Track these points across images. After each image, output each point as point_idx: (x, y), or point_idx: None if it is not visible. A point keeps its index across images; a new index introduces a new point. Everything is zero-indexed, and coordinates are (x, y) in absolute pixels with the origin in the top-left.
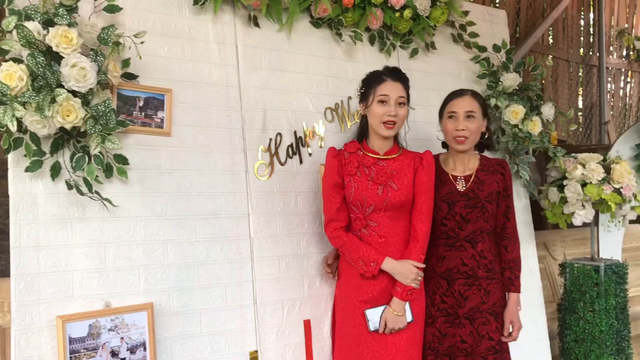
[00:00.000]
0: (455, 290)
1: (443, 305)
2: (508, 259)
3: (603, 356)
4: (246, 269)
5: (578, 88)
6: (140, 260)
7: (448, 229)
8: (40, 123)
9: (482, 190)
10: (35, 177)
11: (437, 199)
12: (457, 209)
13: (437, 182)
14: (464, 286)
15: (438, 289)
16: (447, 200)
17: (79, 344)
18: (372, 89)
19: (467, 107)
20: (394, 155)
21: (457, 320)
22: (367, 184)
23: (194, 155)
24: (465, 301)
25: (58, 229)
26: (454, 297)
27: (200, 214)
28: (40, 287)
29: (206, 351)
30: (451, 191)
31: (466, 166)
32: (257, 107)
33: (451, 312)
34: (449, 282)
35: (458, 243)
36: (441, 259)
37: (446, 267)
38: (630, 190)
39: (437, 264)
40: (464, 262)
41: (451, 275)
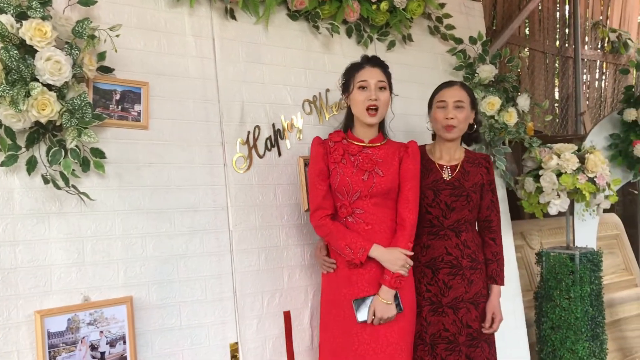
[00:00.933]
0: (439, 279)
1: (427, 294)
2: (495, 251)
3: (579, 342)
4: (226, 261)
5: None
6: (118, 254)
7: (432, 216)
8: (15, 117)
9: (467, 180)
10: (11, 171)
11: (423, 186)
12: (443, 197)
13: (424, 170)
14: (448, 275)
15: (423, 278)
16: (433, 188)
17: (57, 338)
18: (352, 77)
19: (457, 96)
20: (378, 144)
21: (440, 309)
22: (353, 171)
23: (172, 149)
24: (449, 290)
25: (35, 224)
26: (438, 286)
27: (179, 207)
28: (17, 281)
29: (186, 344)
30: (437, 179)
31: (452, 156)
32: (235, 100)
33: (435, 300)
34: (433, 271)
35: (442, 232)
36: (425, 248)
37: (430, 256)
38: (604, 180)
39: (421, 253)
40: (448, 251)
41: (435, 264)
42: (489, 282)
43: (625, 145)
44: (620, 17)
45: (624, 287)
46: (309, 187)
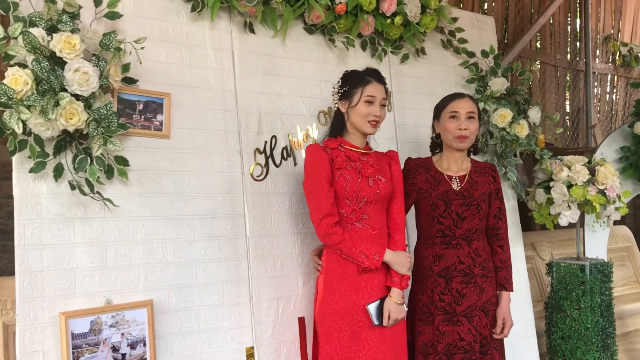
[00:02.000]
0: (452, 288)
1: (441, 304)
2: (504, 258)
3: (589, 352)
4: (243, 267)
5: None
6: (140, 259)
7: (444, 227)
8: (44, 126)
9: (476, 189)
10: (39, 178)
11: (433, 197)
12: (454, 207)
13: (433, 182)
14: (461, 284)
15: (436, 288)
16: (444, 199)
17: (81, 339)
18: (359, 89)
19: (469, 108)
20: (371, 151)
21: (455, 318)
22: (358, 177)
23: (192, 157)
24: (463, 299)
25: (61, 228)
26: (452, 295)
27: (198, 214)
28: (43, 284)
29: (204, 347)
30: (447, 190)
31: (460, 167)
32: (253, 111)
33: (449, 310)
34: (446, 280)
35: (454, 241)
36: (438, 258)
37: (443, 266)
38: (614, 192)
39: (434, 263)
40: (461, 260)
41: (449, 273)
42: (499, 289)
43: (636, 158)
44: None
45: (635, 300)
46: (315, 194)
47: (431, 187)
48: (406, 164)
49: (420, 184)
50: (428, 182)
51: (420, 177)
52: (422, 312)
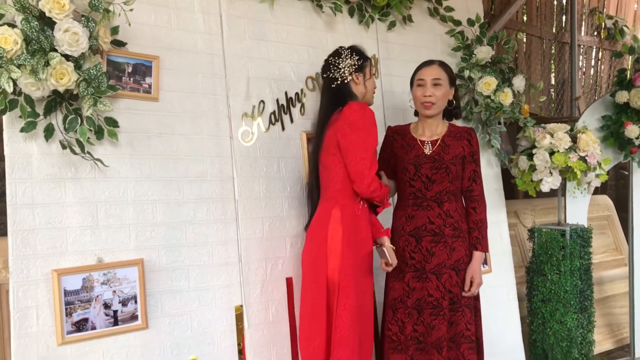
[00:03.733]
0: (422, 246)
1: (411, 262)
2: (476, 219)
3: (567, 314)
4: (231, 228)
5: (550, 65)
6: (130, 219)
7: (415, 189)
8: (34, 85)
9: (447, 153)
10: (30, 138)
11: (405, 161)
12: (423, 170)
13: (406, 147)
14: (430, 243)
15: (407, 246)
16: (414, 163)
17: (73, 296)
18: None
19: (434, 75)
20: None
21: (424, 275)
22: None
23: (181, 120)
24: (432, 257)
25: (52, 188)
26: (422, 253)
27: (187, 176)
28: (36, 242)
29: (194, 305)
30: (418, 154)
31: (434, 131)
32: (241, 75)
33: (419, 267)
34: (417, 239)
35: (425, 203)
36: (410, 218)
37: (414, 226)
38: (594, 158)
39: (406, 223)
40: (431, 220)
41: (419, 232)
42: (471, 249)
43: (617, 127)
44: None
45: (614, 266)
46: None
47: (405, 152)
48: (386, 132)
49: (397, 150)
50: (403, 148)
51: (396, 144)
52: (394, 269)
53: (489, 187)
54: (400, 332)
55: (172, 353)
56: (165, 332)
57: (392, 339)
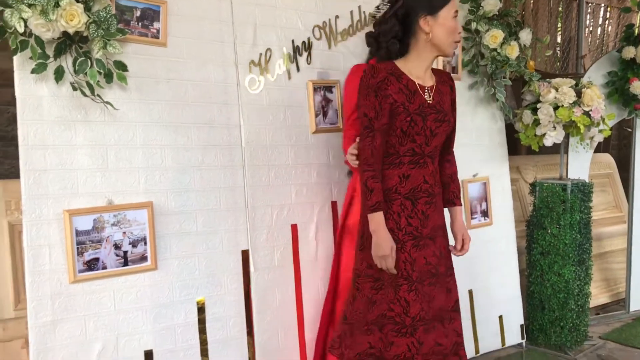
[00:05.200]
0: (418, 210)
1: (409, 228)
2: (452, 172)
3: (565, 267)
4: (238, 175)
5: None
6: (139, 163)
7: (416, 144)
8: (44, 27)
9: (444, 102)
10: (40, 80)
11: (412, 112)
12: (429, 123)
13: (408, 93)
14: (425, 205)
15: (403, 211)
16: (421, 114)
17: (84, 236)
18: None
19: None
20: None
21: (422, 242)
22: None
23: (189, 66)
24: (427, 220)
25: (62, 130)
26: (418, 218)
27: (195, 122)
28: (47, 183)
29: (202, 248)
30: (422, 103)
31: (431, 75)
32: (248, 22)
33: (416, 234)
34: (413, 202)
35: (422, 160)
36: (405, 178)
37: (410, 187)
38: (598, 113)
39: (400, 184)
40: (426, 179)
41: (415, 194)
42: (449, 205)
43: (622, 83)
44: None
45: (613, 223)
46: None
47: (407, 99)
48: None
49: (395, 95)
50: (402, 93)
51: (393, 88)
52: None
53: (492, 141)
54: (405, 313)
55: (180, 294)
56: (174, 273)
57: (396, 320)
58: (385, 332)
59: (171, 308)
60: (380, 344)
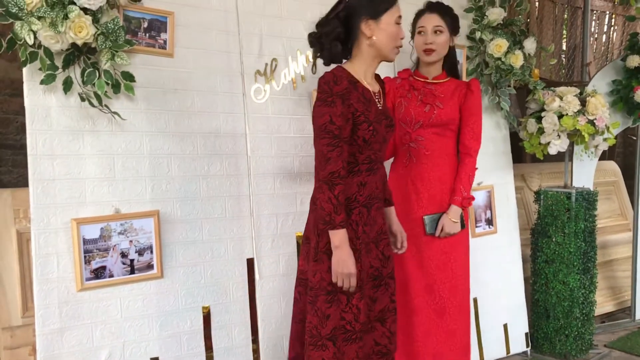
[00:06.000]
0: (371, 216)
1: (364, 236)
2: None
3: (570, 275)
4: (244, 184)
5: (562, 29)
6: (146, 172)
7: (373, 151)
8: (53, 38)
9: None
10: (49, 90)
11: (372, 120)
12: (382, 129)
13: (365, 101)
14: (376, 210)
15: (360, 219)
16: (377, 121)
17: (92, 244)
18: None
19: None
20: (441, 81)
21: (369, 247)
22: (416, 103)
23: (195, 77)
24: (375, 225)
25: (71, 140)
26: (370, 225)
27: (201, 132)
28: (55, 192)
29: (207, 256)
30: (377, 110)
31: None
32: (254, 33)
33: (367, 240)
34: (368, 209)
35: (376, 166)
36: (362, 186)
37: (367, 194)
38: (603, 122)
39: (359, 192)
40: (377, 185)
41: (370, 201)
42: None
43: (627, 91)
44: None
45: (619, 231)
46: None
47: (365, 107)
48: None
49: (356, 104)
50: (361, 102)
51: (353, 96)
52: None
53: (496, 149)
54: (355, 320)
55: (186, 301)
56: (180, 281)
57: (346, 329)
58: (338, 345)
59: (177, 316)
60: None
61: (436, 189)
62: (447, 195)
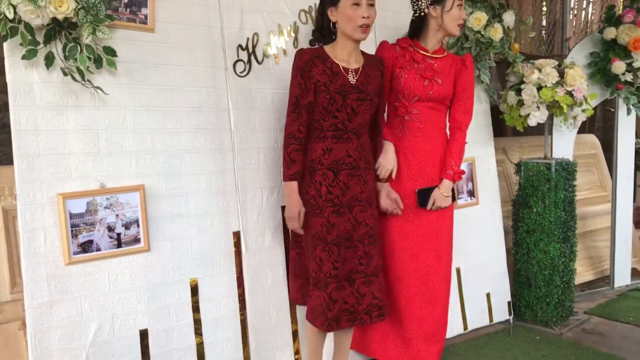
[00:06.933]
0: (340, 180)
1: (329, 196)
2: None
3: (551, 244)
4: (228, 158)
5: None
6: (130, 147)
7: (338, 120)
8: (33, 13)
9: (369, 83)
10: (31, 66)
11: (332, 91)
12: (349, 101)
13: (330, 74)
14: (347, 176)
15: (324, 180)
16: (341, 92)
17: (78, 219)
18: None
19: None
20: (440, 55)
21: (342, 210)
22: (415, 77)
23: (177, 51)
24: (348, 190)
25: (54, 115)
26: (339, 187)
27: (185, 107)
28: (40, 167)
29: (193, 230)
30: (344, 83)
31: (356, 58)
32: (235, 7)
33: (337, 202)
34: (335, 173)
35: (345, 135)
36: (328, 151)
37: (333, 159)
38: (581, 93)
39: (323, 156)
40: (349, 153)
41: (337, 166)
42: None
43: (604, 63)
44: None
45: (598, 202)
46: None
47: (329, 79)
48: (302, 56)
49: (318, 76)
50: (325, 74)
51: (316, 69)
52: (310, 204)
53: (477, 123)
54: (319, 269)
55: (173, 274)
56: (167, 254)
57: (312, 276)
58: (306, 285)
59: (165, 288)
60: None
61: (427, 161)
62: (437, 169)
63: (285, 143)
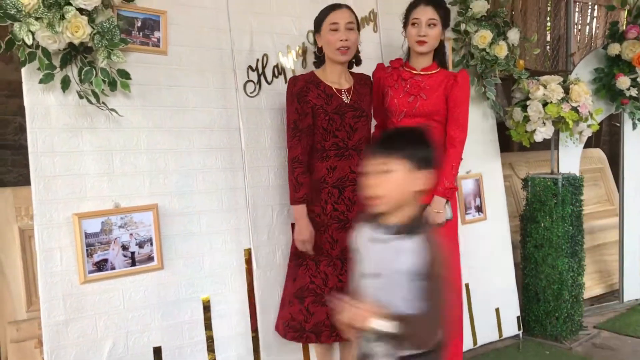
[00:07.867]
0: (345, 197)
1: (335, 213)
2: None
3: (559, 258)
4: (239, 176)
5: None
6: (144, 167)
7: (339, 139)
8: (51, 38)
9: (362, 101)
10: (47, 89)
11: (329, 112)
12: (347, 119)
13: (325, 97)
14: (352, 192)
15: (330, 198)
16: (339, 112)
17: (93, 238)
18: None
19: (348, 18)
20: (431, 72)
21: (347, 225)
22: (401, 94)
23: (189, 73)
24: (354, 206)
25: (70, 137)
26: (345, 204)
27: (197, 127)
28: (57, 188)
29: (205, 248)
30: (340, 103)
31: (346, 79)
32: (245, 30)
33: (342, 218)
34: (340, 190)
35: (347, 152)
36: (332, 170)
37: (337, 176)
38: (586, 109)
39: (328, 175)
40: (352, 169)
41: (342, 183)
42: None
43: (609, 79)
44: None
45: (605, 216)
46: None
47: (325, 102)
48: (295, 83)
49: (314, 100)
50: (321, 97)
51: (312, 94)
52: (315, 222)
53: (484, 138)
54: (324, 284)
55: (186, 292)
56: (180, 272)
57: (316, 292)
58: (306, 304)
59: (178, 306)
60: (301, 316)
61: None
62: None
63: (290, 168)
